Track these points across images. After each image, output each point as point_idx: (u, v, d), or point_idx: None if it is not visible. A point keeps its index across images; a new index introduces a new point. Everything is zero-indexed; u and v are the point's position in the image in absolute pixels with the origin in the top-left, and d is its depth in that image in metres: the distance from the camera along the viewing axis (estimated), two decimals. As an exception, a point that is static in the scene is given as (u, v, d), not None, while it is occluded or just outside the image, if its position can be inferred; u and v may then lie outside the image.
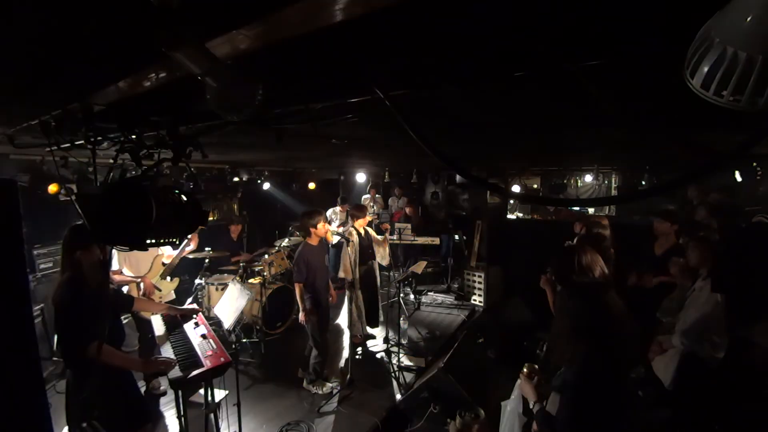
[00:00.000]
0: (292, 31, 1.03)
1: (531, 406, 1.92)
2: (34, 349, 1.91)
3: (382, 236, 5.13)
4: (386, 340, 5.02)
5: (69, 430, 2.32)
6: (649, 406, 3.03)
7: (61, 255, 2.35)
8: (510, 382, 2.25)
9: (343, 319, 5.63)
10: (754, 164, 4.77)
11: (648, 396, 3.03)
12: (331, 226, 6.81)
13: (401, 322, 4.91)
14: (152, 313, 3.16)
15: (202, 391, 2.67)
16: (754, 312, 2.73)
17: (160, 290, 3.98)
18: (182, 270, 4.70)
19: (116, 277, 3.69)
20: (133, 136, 2.02)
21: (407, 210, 7.57)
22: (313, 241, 3.96)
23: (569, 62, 1.24)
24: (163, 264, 4.07)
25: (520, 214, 9.05)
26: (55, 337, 2.28)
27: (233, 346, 2.96)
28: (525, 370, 2.06)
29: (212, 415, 2.68)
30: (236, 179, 6.86)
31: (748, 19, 0.60)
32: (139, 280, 3.81)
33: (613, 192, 7.74)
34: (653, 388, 2.95)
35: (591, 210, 8.04)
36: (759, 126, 0.77)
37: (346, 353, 4.42)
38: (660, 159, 5.41)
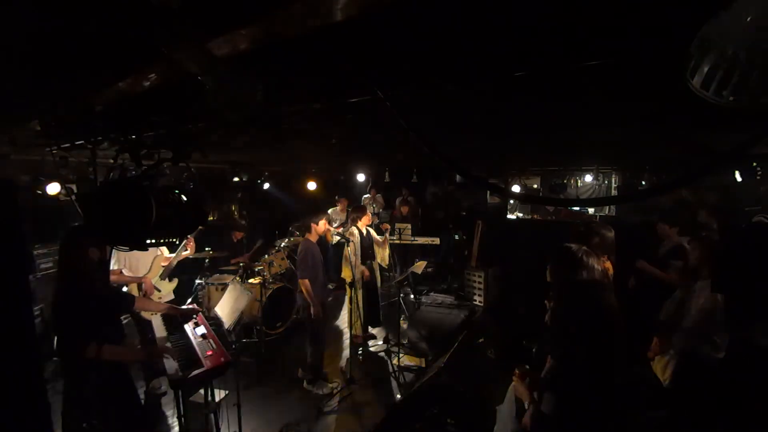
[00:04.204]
0: (292, 31, 1.03)
1: (526, 407, 1.91)
2: (34, 349, 1.91)
3: (383, 236, 5.14)
4: (386, 340, 5.02)
5: (67, 430, 2.32)
6: (648, 405, 3.03)
7: (59, 256, 2.35)
8: (510, 382, 2.24)
9: (342, 319, 5.63)
10: (754, 164, 4.77)
11: (647, 396, 3.03)
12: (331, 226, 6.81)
13: (401, 322, 4.90)
14: (152, 313, 3.15)
15: (202, 391, 2.67)
16: (754, 312, 2.73)
17: (159, 291, 3.98)
18: (182, 270, 4.69)
19: (116, 278, 3.69)
20: (133, 136, 2.02)
21: (402, 210, 7.55)
22: (313, 237, 3.97)
23: (569, 62, 1.25)
24: (162, 265, 4.06)
25: (520, 214, 9.05)
26: (55, 337, 2.28)
27: (233, 346, 2.96)
28: (517, 371, 2.04)
29: (212, 415, 2.68)
30: (236, 179, 6.85)
31: (748, 19, 0.60)
32: (139, 280, 3.81)
33: (613, 192, 7.73)
34: (653, 388, 2.95)
35: (591, 210, 8.04)
36: (759, 126, 0.77)
37: (346, 353, 4.42)
38: (660, 159, 5.41)
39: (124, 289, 3.77)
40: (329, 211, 7.36)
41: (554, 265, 1.96)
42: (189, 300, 5.14)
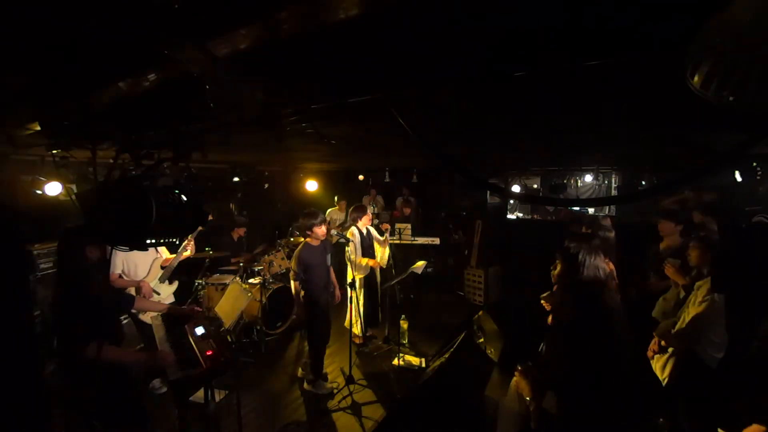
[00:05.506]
0: (292, 31, 1.03)
1: (527, 404, 1.92)
2: (34, 349, 1.91)
3: (383, 236, 5.13)
4: (386, 340, 5.02)
5: (67, 430, 2.32)
6: (648, 406, 3.03)
7: (57, 256, 2.35)
8: (510, 381, 2.25)
9: (343, 319, 5.63)
10: (754, 164, 4.77)
11: (647, 396, 3.03)
12: (330, 226, 6.81)
13: (401, 322, 4.90)
14: (152, 314, 3.15)
15: (202, 391, 2.67)
16: (754, 312, 2.73)
17: (159, 294, 3.96)
18: (182, 270, 4.69)
19: (115, 282, 3.67)
20: (133, 136, 2.02)
21: (405, 210, 7.57)
22: (313, 241, 3.95)
23: (569, 62, 1.25)
24: (162, 267, 4.04)
25: (520, 214, 9.06)
26: (55, 337, 2.28)
27: (233, 346, 2.96)
28: (519, 367, 2.07)
29: (212, 415, 2.68)
30: (236, 179, 6.85)
31: (749, 18, 0.60)
32: (137, 283, 3.78)
33: (613, 192, 7.74)
34: (652, 388, 2.95)
35: (591, 210, 8.05)
36: (759, 126, 0.77)
37: (346, 353, 4.42)
38: (660, 159, 5.41)
39: (123, 290, 3.75)
40: (329, 210, 7.36)
41: (561, 264, 1.97)
42: (189, 300, 5.14)
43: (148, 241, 1.58)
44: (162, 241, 1.68)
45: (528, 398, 1.92)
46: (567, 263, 1.93)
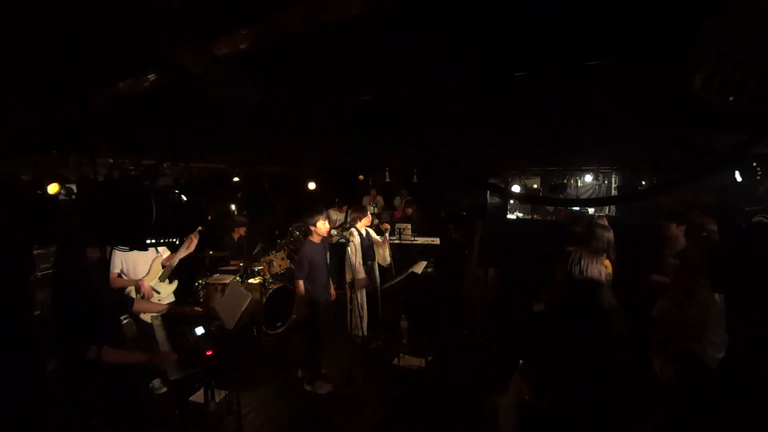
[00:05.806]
0: (292, 31, 1.03)
1: (526, 404, 1.93)
2: (35, 349, 1.91)
3: (382, 237, 5.13)
4: (386, 340, 5.02)
5: (67, 430, 2.32)
6: (648, 406, 3.03)
7: (57, 256, 2.35)
8: (510, 381, 2.25)
9: (343, 320, 5.63)
10: (754, 164, 4.76)
11: (647, 396, 3.03)
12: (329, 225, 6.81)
13: (401, 322, 4.90)
14: (152, 314, 3.15)
15: (202, 391, 2.67)
16: (754, 312, 2.73)
17: (159, 293, 3.95)
18: (182, 270, 4.69)
19: (114, 281, 3.66)
20: (133, 137, 2.02)
21: (408, 211, 7.59)
22: (315, 239, 3.96)
23: (569, 62, 1.25)
24: (162, 266, 4.04)
25: (520, 214, 9.06)
26: (55, 338, 2.28)
27: (233, 346, 2.96)
28: (519, 367, 2.08)
29: (212, 415, 2.68)
30: (236, 179, 6.85)
31: (749, 19, 0.60)
32: (136, 283, 3.78)
33: (613, 192, 7.73)
34: (652, 388, 2.95)
35: (591, 210, 8.05)
36: (759, 126, 0.77)
37: (346, 353, 4.42)
38: (660, 159, 5.41)
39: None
40: (328, 210, 7.36)
41: (561, 270, 1.97)
42: (189, 300, 5.13)
43: (148, 241, 1.58)
44: (162, 240, 1.68)
45: (527, 398, 1.93)
46: (568, 268, 1.94)
